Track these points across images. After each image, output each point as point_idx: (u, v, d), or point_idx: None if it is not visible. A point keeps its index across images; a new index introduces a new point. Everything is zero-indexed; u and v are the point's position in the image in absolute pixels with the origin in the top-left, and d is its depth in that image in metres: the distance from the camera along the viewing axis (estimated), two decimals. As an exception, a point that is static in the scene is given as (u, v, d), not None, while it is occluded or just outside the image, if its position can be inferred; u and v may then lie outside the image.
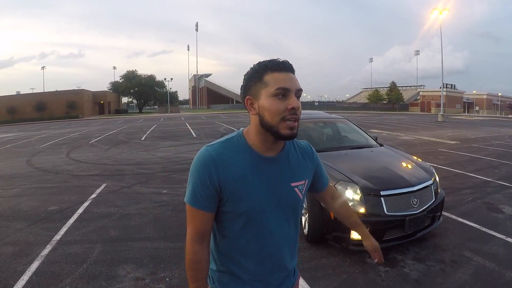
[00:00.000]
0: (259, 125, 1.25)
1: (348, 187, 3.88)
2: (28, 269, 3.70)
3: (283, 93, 1.19)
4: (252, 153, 1.29)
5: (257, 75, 1.24)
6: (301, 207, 1.43)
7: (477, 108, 61.13)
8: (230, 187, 1.25)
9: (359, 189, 3.83)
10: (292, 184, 1.34)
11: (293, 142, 1.41)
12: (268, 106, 1.20)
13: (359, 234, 1.71)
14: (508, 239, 4.37)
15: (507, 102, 75.46)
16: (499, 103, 74.02)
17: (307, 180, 1.42)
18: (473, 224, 4.88)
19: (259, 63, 1.26)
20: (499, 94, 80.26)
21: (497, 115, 53.92)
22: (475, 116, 47.90)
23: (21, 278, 3.51)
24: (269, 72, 1.22)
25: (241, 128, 1.38)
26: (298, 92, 1.22)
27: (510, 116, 50.29)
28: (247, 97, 1.27)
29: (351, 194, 3.84)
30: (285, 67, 1.23)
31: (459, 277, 3.46)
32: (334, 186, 3.93)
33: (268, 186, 1.29)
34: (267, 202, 1.29)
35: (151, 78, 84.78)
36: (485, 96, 73.99)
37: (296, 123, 1.21)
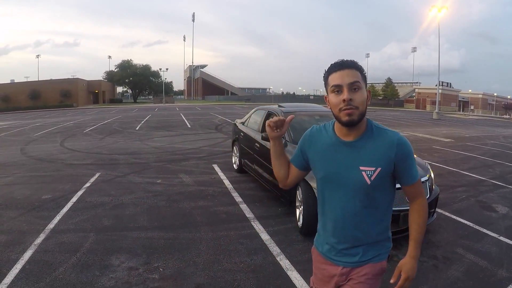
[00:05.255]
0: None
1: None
2: (21, 258, 3.68)
3: (337, 89, 1.47)
4: (333, 135, 1.60)
5: (324, 78, 1.55)
6: (374, 192, 1.54)
7: (472, 107, 61.50)
8: (311, 156, 1.67)
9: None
10: (361, 168, 1.52)
11: (379, 131, 1.56)
12: (330, 101, 1.52)
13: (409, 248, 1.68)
14: (501, 238, 4.40)
15: (502, 103, 75.79)
16: (494, 103, 74.25)
17: (380, 169, 1.51)
18: (466, 222, 4.91)
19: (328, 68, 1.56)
20: (495, 94, 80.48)
21: (492, 115, 54.22)
22: (470, 115, 48.16)
23: (14, 267, 3.49)
24: (330, 74, 1.52)
25: None
26: (351, 85, 1.45)
27: (504, 116, 50.60)
28: (325, 95, 1.60)
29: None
30: (339, 66, 1.49)
31: (451, 274, 3.49)
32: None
33: (338, 164, 1.56)
34: (335, 177, 1.57)
35: (146, 68, 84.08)
36: (480, 96, 74.18)
37: (351, 111, 1.45)
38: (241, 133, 7.28)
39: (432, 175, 4.60)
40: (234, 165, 7.87)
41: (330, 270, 1.68)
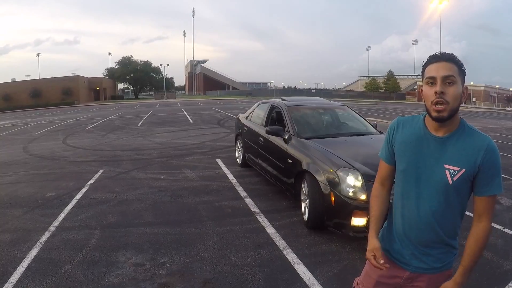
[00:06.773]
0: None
1: (349, 173, 3.86)
2: (27, 256, 3.68)
3: (431, 81, 1.44)
4: (422, 128, 1.55)
5: (422, 69, 1.52)
6: (454, 194, 1.50)
7: (474, 100, 61.13)
8: (397, 146, 1.62)
9: (361, 175, 3.81)
10: (445, 166, 1.48)
11: (471, 132, 1.49)
12: (424, 92, 1.47)
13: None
14: (506, 230, 4.40)
15: (504, 95, 75.22)
16: (496, 95, 73.72)
17: (464, 170, 1.45)
18: (470, 214, 4.88)
19: None
20: (497, 86, 79.95)
21: (494, 107, 53.84)
22: (472, 107, 47.95)
23: (20, 265, 3.49)
24: (427, 65, 1.48)
25: None
26: (445, 78, 1.41)
27: (507, 108, 50.26)
28: (420, 87, 1.54)
29: (353, 181, 3.82)
30: (437, 58, 1.46)
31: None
32: (336, 172, 3.91)
33: (422, 158, 1.52)
34: (417, 171, 1.54)
35: (147, 64, 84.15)
36: (482, 88, 73.68)
37: (442, 107, 1.41)
38: (245, 128, 7.26)
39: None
40: (237, 160, 7.86)
41: (393, 273, 1.64)
